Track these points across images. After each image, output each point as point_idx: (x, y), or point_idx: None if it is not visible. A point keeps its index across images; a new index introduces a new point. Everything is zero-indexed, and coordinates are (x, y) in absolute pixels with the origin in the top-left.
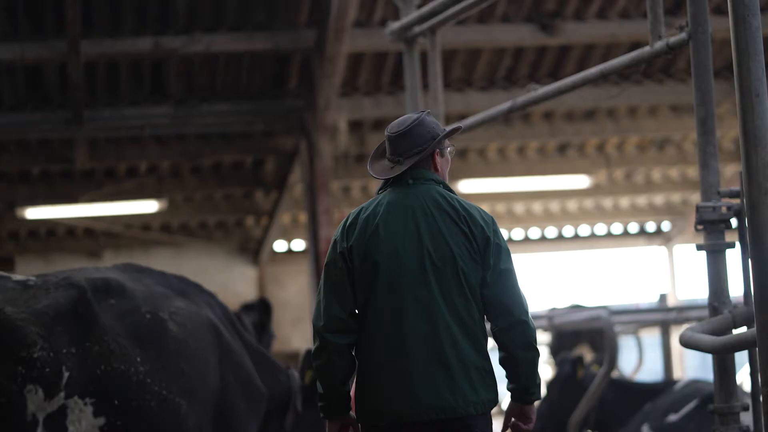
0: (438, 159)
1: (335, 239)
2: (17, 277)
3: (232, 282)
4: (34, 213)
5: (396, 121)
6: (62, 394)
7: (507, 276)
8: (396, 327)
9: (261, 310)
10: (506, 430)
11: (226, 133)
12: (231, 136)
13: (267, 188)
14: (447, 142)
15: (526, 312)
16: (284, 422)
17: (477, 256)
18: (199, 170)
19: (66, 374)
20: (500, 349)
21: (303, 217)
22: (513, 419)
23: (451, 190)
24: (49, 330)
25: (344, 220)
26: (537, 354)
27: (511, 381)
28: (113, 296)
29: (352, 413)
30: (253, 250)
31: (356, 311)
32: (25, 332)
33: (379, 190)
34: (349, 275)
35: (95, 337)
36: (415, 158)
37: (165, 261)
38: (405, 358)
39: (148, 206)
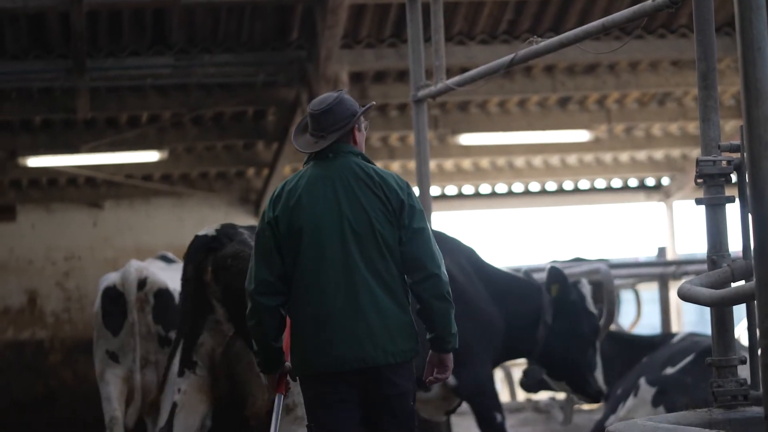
0: (356, 134)
1: (264, 210)
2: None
3: None
4: (35, 162)
5: (317, 99)
6: None
7: (420, 234)
8: (320, 287)
9: None
10: (426, 378)
11: (228, 83)
12: (232, 86)
13: (268, 139)
14: (362, 118)
15: (438, 266)
16: (536, 334)
17: (392, 218)
18: (201, 121)
19: None
20: (417, 301)
21: None
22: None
23: (368, 161)
24: None
25: (273, 193)
26: (450, 305)
27: (429, 331)
28: None
29: (288, 364)
30: (254, 201)
31: (284, 275)
32: None
33: (305, 163)
34: (276, 242)
35: None
36: (337, 133)
37: (166, 211)
38: (328, 314)
39: (150, 156)
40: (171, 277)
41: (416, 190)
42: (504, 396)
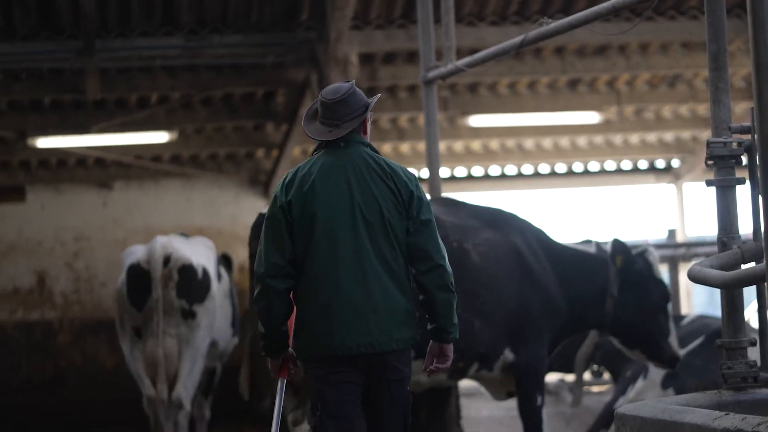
0: (367, 125)
1: (276, 195)
2: None
3: (241, 214)
4: (45, 142)
5: (329, 88)
6: None
7: (428, 226)
8: (331, 273)
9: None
10: (427, 368)
11: (237, 64)
12: (242, 67)
13: (278, 120)
14: None
15: (443, 257)
16: (604, 308)
17: (401, 208)
18: (210, 102)
19: None
20: (420, 292)
21: None
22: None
23: (376, 151)
24: None
25: (283, 178)
26: (453, 296)
27: (431, 321)
28: None
29: (290, 350)
30: (264, 182)
31: (294, 259)
32: None
33: (314, 151)
34: (287, 227)
35: None
36: (352, 123)
37: (175, 192)
38: (340, 299)
39: (159, 137)
40: (194, 251)
41: (426, 172)
42: None
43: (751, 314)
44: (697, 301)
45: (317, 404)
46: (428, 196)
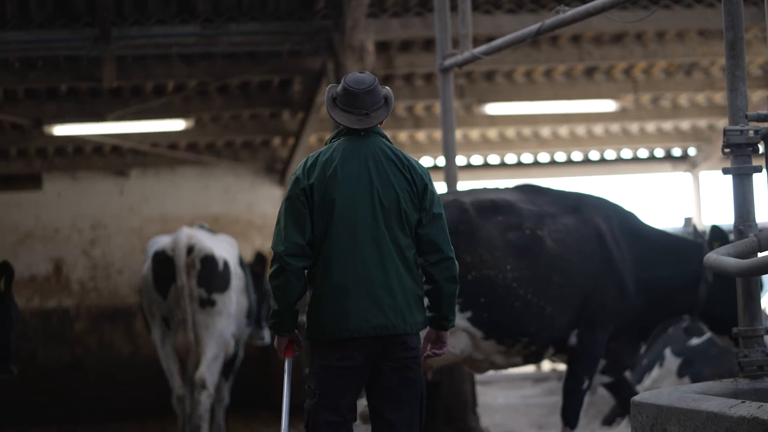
0: None
1: (297, 176)
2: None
3: (257, 202)
4: (61, 130)
5: (354, 78)
6: None
7: (439, 219)
8: (350, 256)
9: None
10: (423, 354)
11: (254, 52)
12: (258, 55)
13: (294, 108)
14: None
15: (452, 250)
16: (698, 293)
17: (416, 199)
18: (227, 90)
19: None
20: (428, 281)
21: None
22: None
23: (391, 143)
24: None
25: (304, 162)
26: (457, 287)
27: (433, 309)
28: (501, 214)
29: (296, 331)
30: (280, 170)
31: (311, 241)
32: None
33: (332, 138)
34: (308, 209)
35: (469, 250)
36: (380, 114)
37: (191, 180)
38: (357, 282)
39: (175, 125)
40: (216, 244)
41: (442, 160)
42: (529, 366)
43: (767, 303)
44: None
45: (315, 391)
46: (510, 183)
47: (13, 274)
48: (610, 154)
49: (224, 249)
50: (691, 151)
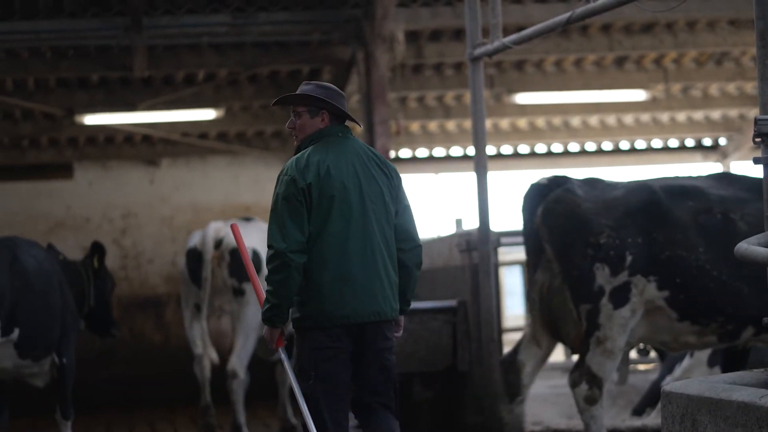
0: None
1: (293, 177)
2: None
3: None
4: (92, 120)
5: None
6: (626, 273)
7: (410, 210)
8: (345, 248)
9: None
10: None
11: (284, 42)
12: (288, 45)
13: None
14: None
15: (419, 238)
16: None
17: (393, 193)
18: (257, 79)
19: (629, 258)
20: (399, 267)
21: (358, 128)
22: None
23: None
24: (618, 222)
25: (295, 164)
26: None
27: (399, 294)
28: (691, 199)
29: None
30: None
31: (308, 237)
32: (595, 223)
33: (311, 141)
34: (306, 207)
35: (659, 231)
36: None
37: (222, 169)
38: (351, 273)
39: (206, 114)
40: (247, 235)
41: (472, 150)
42: (558, 355)
43: None
44: None
45: (310, 372)
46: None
47: (104, 251)
48: (640, 144)
49: (255, 238)
50: (722, 141)
